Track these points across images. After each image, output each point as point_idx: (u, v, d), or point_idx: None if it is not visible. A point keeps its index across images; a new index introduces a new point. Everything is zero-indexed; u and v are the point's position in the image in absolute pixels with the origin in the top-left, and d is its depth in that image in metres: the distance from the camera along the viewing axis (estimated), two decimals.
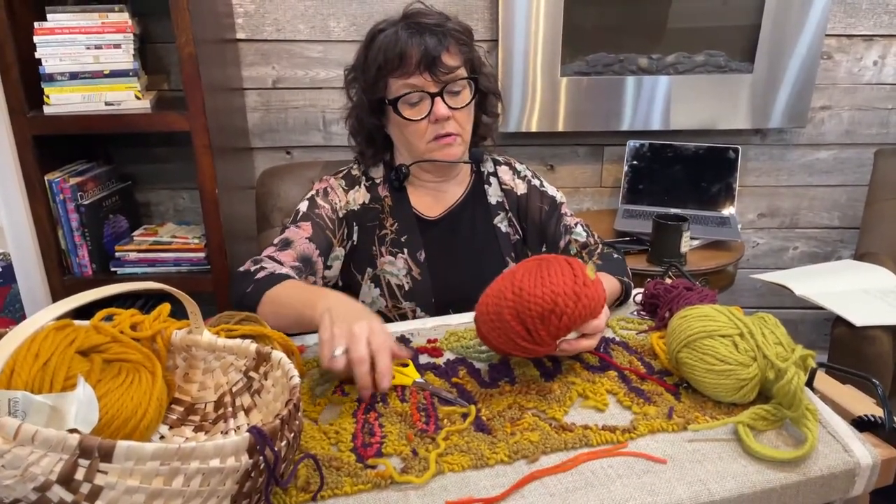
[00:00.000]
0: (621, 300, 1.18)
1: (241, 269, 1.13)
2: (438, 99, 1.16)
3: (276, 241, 1.21)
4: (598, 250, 1.28)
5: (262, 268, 1.11)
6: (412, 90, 1.16)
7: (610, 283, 1.12)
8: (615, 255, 1.25)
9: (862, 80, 2.16)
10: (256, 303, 1.05)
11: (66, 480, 0.52)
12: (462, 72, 1.19)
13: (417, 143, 1.21)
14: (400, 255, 1.25)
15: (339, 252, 1.26)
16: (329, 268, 1.25)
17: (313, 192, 1.28)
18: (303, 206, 1.26)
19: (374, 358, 0.84)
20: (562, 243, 1.31)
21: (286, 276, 1.09)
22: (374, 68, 1.18)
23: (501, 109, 1.35)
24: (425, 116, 1.18)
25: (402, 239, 1.26)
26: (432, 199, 1.31)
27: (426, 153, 1.22)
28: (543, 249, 1.33)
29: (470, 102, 1.21)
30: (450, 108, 1.17)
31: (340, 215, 1.26)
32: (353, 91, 1.26)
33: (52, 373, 0.67)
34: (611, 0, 1.99)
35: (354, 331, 0.85)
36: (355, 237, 1.27)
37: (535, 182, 1.35)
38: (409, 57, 1.14)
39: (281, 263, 1.15)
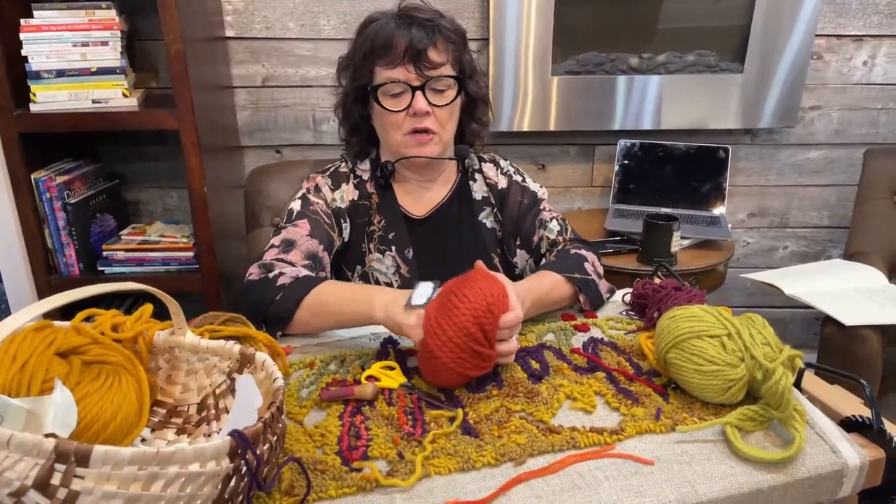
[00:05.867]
0: (580, 297, 1.16)
1: (254, 278, 1.10)
2: (419, 93, 1.16)
3: (276, 242, 1.18)
4: (560, 247, 1.27)
5: (281, 273, 1.08)
6: (395, 81, 1.16)
7: (542, 283, 1.12)
8: (573, 252, 1.23)
9: (852, 80, 2.16)
10: (292, 311, 1.04)
11: (42, 485, 0.51)
12: (448, 69, 1.18)
13: (394, 135, 1.21)
14: (388, 252, 1.25)
15: (339, 245, 1.25)
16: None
17: (304, 190, 1.27)
18: (296, 206, 1.24)
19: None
20: (535, 238, 1.30)
21: (313, 278, 1.09)
22: (361, 54, 1.19)
23: (491, 114, 1.34)
24: (404, 109, 1.18)
25: (390, 236, 1.25)
26: (418, 198, 1.30)
27: (402, 146, 1.21)
28: (517, 243, 1.31)
29: (452, 102, 1.20)
30: (430, 103, 1.17)
31: (332, 209, 1.26)
32: (343, 78, 1.26)
33: (30, 375, 0.66)
34: None
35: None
36: (346, 234, 1.26)
37: (517, 177, 1.35)
38: (396, 46, 1.14)
39: (292, 265, 1.13)
